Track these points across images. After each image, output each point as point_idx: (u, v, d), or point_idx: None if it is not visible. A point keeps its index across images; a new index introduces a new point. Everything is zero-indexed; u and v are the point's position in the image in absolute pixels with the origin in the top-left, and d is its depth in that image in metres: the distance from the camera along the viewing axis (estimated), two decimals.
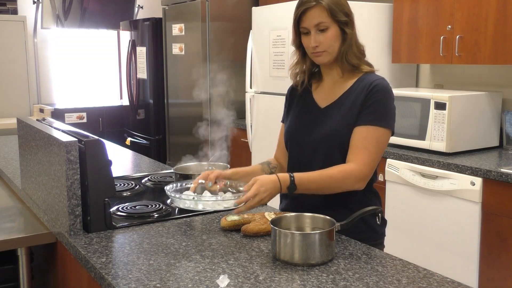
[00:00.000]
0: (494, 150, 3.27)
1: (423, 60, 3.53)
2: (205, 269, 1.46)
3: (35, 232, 2.00)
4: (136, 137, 5.83)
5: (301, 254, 1.48)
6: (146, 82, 5.56)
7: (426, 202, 3.08)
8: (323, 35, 1.72)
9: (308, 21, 1.72)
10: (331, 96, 1.81)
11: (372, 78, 1.76)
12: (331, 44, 1.73)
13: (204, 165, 2.25)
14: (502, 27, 2.98)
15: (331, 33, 1.72)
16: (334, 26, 1.72)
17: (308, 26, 1.73)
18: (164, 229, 1.81)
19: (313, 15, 1.71)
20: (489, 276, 2.80)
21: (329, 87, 1.83)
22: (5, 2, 6.12)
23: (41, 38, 6.29)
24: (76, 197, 1.76)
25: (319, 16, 1.70)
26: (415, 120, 3.26)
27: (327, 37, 1.72)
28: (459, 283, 1.38)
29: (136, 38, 5.70)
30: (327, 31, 1.72)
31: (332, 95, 1.81)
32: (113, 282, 1.39)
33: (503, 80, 3.41)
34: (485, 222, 2.79)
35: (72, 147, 1.73)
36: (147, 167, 2.90)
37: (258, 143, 4.25)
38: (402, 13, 3.59)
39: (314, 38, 1.72)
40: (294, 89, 1.94)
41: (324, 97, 1.83)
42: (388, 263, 1.51)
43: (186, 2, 4.86)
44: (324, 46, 1.73)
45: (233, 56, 4.74)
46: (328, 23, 1.71)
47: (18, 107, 6.01)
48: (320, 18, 1.70)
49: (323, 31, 1.72)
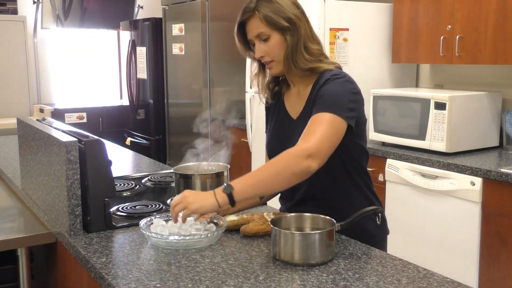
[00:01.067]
0: (494, 150, 3.27)
1: (423, 60, 3.53)
2: (205, 269, 1.46)
3: (35, 232, 2.00)
4: (136, 137, 5.83)
5: (301, 254, 1.48)
6: (146, 82, 5.56)
7: (426, 202, 3.08)
8: (266, 45, 1.66)
9: (250, 32, 1.68)
10: (298, 105, 1.74)
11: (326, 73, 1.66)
12: (276, 53, 1.66)
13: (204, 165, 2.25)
14: (502, 27, 2.98)
15: (274, 41, 1.65)
16: (275, 34, 1.65)
17: (251, 38, 1.69)
18: None
19: (252, 26, 1.67)
20: (489, 276, 2.80)
21: (295, 96, 1.76)
22: (5, 2, 6.12)
23: (41, 38, 6.29)
24: (76, 197, 1.76)
25: (257, 27, 1.65)
26: (415, 120, 3.26)
27: (269, 46, 1.66)
28: (459, 283, 1.38)
29: (136, 38, 5.70)
30: (269, 40, 1.65)
31: (299, 104, 1.74)
32: (113, 282, 1.39)
33: (503, 80, 3.41)
34: (485, 222, 2.79)
35: (72, 147, 1.73)
36: (147, 167, 2.90)
37: (258, 143, 4.25)
38: (402, 13, 3.59)
39: (258, 49, 1.67)
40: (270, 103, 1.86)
41: (293, 107, 1.77)
42: (388, 263, 1.51)
43: (186, 2, 4.86)
44: (269, 55, 1.67)
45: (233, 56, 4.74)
46: (268, 32, 1.65)
47: (18, 107, 6.01)
48: (259, 29, 1.65)
49: (266, 40, 1.66)
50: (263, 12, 1.63)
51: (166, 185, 2.40)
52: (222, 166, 2.19)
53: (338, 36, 3.60)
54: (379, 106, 3.50)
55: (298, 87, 1.75)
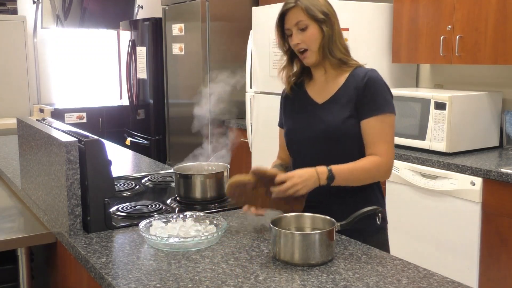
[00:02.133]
0: (494, 150, 3.27)
1: (423, 60, 3.53)
2: (205, 269, 1.46)
3: (35, 232, 2.00)
4: (136, 137, 5.83)
5: (301, 254, 1.48)
6: (146, 82, 5.55)
7: (426, 202, 3.08)
8: (303, 34, 1.81)
9: (289, 21, 1.83)
10: (326, 92, 1.87)
11: (363, 71, 1.83)
12: (311, 42, 1.81)
13: (204, 165, 2.25)
14: (502, 27, 2.98)
15: (311, 31, 1.80)
16: (313, 24, 1.80)
17: (290, 27, 1.83)
18: None
19: (292, 16, 1.81)
20: (489, 276, 2.80)
21: (322, 84, 1.89)
22: (5, 2, 6.12)
23: (41, 38, 6.29)
24: (76, 197, 1.76)
25: (297, 16, 1.80)
26: (415, 120, 3.26)
27: (307, 35, 1.81)
28: (459, 283, 1.38)
29: (136, 38, 5.69)
30: (307, 29, 1.80)
31: (327, 91, 1.87)
32: (113, 282, 1.39)
33: (503, 80, 3.41)
34: (485, 222, 2.79)
35: (72, 147, 1.73)
36: (147, 167, 2.90)
37: (258, 143, 4.25)
38: (402, 13, 3.59)
39: (295, 36, 1.82)
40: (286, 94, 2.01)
41: (319, 94, 1.89)
42: (388, 263, 1.51)
43: (186, 2, 4.86)
44: (305, 44, 1.81)
45: (233, 56, 4.74)
46: (307, 22, 1.80)
47: (18, 107, 6.01)
48: (298, 18, 1.80)
49: (303, 30, 1.80)
50: (304, 3, 1.79)
51: (166, 185, 2.40)
52: (222, 166, 2.19)
53: None
54: None
55: (327, 75, 1.88)
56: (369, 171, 1.78)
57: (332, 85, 1.86)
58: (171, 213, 1.86)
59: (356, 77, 1.82)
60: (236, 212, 2.00)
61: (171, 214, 1.81)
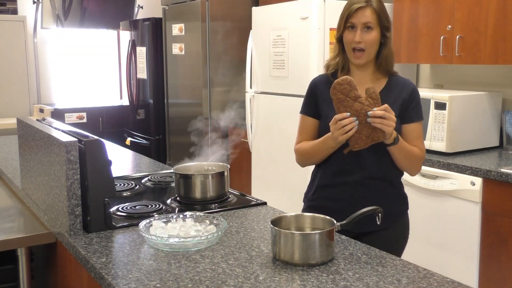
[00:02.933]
0: (494, 150, 3.27)
1: (423, 60, 3.53)
2: (205, 269, 1.46)
3: (35, 232, 2.00)
4: (136, 137, 5.83)
5: (301, 254, 1.48)
6: (146, 82, 5.55)
7: (426, 202, 3.08)
8: (368, 34, 1.89)
9: (358, 18, 1.88)
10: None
11: (404, 79, 1.99)
12: (372, 44, 1.90)
13: (204, 165, 2.25)
14: (502, 27, 2.98)
15: (374, 34, 1.89)
16: (377, 29, 1.89)
17: (357, 23, 1.89)
18: None
19: (363, 14, 1.88)
20: (489, 276, 2.80)
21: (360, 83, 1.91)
22: (5, 2, 6.12)
23: (41, 38, 6.29)
24: (76, 197, 1.76)
25: (369, 16, 1.88)
26: None
27: (370, 37, 1.89)
28: (459, 283, 1.38)
29: (136, 38, 5.70)
30: (371, 31, 1.89)
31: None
32: (113, 282, 1.39)
33: (503, 80, 3.41)
34: (485, 222, 2.79)
35: (72, 147, 1.73)
36: (147, 167, 2.90)
37: (258, 143, 4.25)
38: (402, 13, 3.59)
39: (359, 34, 1.88)
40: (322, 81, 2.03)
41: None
42: (388, 263, 1.51)
43: (186, 2, 4.86)
44: (365, 44, 1.89)
45: (233, 56, 4.74)
46: (374, 25, 1.88)
47: (18, 107, 6.01)
48: (369, 18, 1.88)
49: (368, 30, 1.88)
50: (377, 6, 1.89)
51: (166, 185, 2.40)
52: (222, 166, 2.19)
53: None
54: None
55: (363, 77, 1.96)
56: (416, 158, 1.94)
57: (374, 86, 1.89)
58: (171, 213, 1.86)
59: (398, 83, 1.97)
60: (236, 212, 2.00)
61: (171, 214, 1.81)
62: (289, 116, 3.70)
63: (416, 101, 1.96)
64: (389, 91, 1.95)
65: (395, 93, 1.95)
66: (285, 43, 3.83)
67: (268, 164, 4.12)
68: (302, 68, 3.63)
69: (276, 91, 3.96)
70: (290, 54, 3.79)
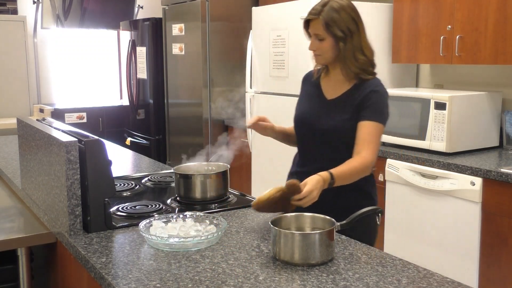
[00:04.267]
0: (494, 150, 3.27)
1: (423, 60, 3.53)
2: (205, 269, 1.46)
3: (35, 232, 2.00)
4: (136, 137, 5.83)
5: (301, 254, 1.48)
6: (146, 82, 5.55)
7: (426, 202, 3.08)
8: (320, 43, 1.99)
9: (310, 29, 2.01)
10: (335, 90, 2.06)
11: (371, 82, 2.02)
12: (324, 52, 2.00)
13: (204, 165, 2.25)
14: (502, 27, 2.98)
15: (326, 44, 1.98)
16: (329, 38, 1.96)
17: (310, 32, 2.02)
18: None
19: (313, 25, 2.00)
20: (489, 276, 2.81)
21: (334, 82, 2.08)
22: (5, 2, 6.12)
23: (41, 38, 6.29)
24: (76, 197, 1.76)
25: (317, 28, 1.98)
26: (415, 120, 3.26)
27: (322, 46, 1.99)
28: (459, 283, 1.38)
29: (136, 38, 5.70)
30: (323, 41, 1.98)
31: (336, 90, 2.06)
32: (113, 282, 1.39)
33: (503, 80, 3.41)
34: (485, 222, 2.79)
35: (72, 147, 1.73)
36: (147, 167, 2.90)
37: (258, 143, 4.25)
38: (402, 13, 3.59)
39: (312, 43, 2.02)
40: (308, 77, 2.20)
41: (329, 90, 2.09)
42: (388, 263, 1.51)
43: (186, 2, 4.86)
44: (319, 52, 2.01)
45: (233, 56, 4.74)
46: (323, 35, 1.96)
47: (18, 107, 6.01)
48: (317, 30, 1.98)
49: (320, 40, 1.98)
50: (325, 18, 1.94)
51: (166, 185, 2.40)
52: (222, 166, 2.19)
53: None
54: None
55: (337, 76, 2.06)
56: (358, 172, 1.95)
57: (341, 86, 2.05)
58: (171, 213, 1.86)
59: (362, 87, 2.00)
60: (236, 212, 2.00)
61: (171, 214, 1.81)
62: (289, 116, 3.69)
63: (372, 102, 1.97)
64: (349, 95, 2.02)
65: (356, 96, 2.00)
66: (285, 43, 3.83)
67: (268, 164, 4.12)
68: (302, 68, 3.62)
69: (276, 91, 3.96)
70: (290, 54, 3.78)
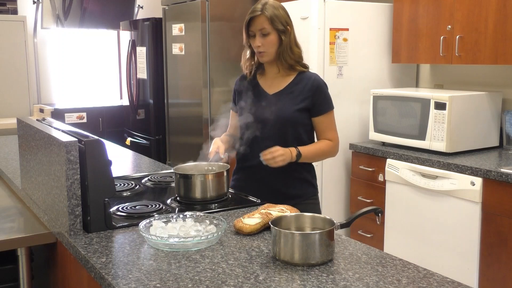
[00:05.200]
0: (494, 150, 3.27)
1: (423, 60, 3.53)
2: (205, 269, 1.46)
3: (35, 232, 2.00)
4: (136, 137, 5.82)
5: (301, 254, 1.48)
6: (146, 82, 5.55)
7: (426, 202, 3.08)
8: (265, 39, 2.17)
9: (254, 26, 2.18)
10: (276, 85, 2.27)
11: (310, 75, 2.26)
12: (270, 46, 2.18)
13: (204, 165, 2.25)
14: (502, 27, 2.98)
15: (271, 38, 2.17)
16: (273, 33, 2.16)
17: (254, 30, 2.18)
18: None
19: (258, 22, 2.16)
20: (489, 276, 2.81)
21: (272, 79, 2.29)
22: (5, 2, 6.12)
23: (41, 38, 6.29)
24: (76, 197, 1.76)
25: (263, 23, 2.16)
26: (415, 120, 3.26)
27: (267, 41, 2.17)
28: (459, 283, 1.38)
29: (136, 38, 5.69)
30: (268, 36, 2.17)
31: (277, 85, 2.27)
32: (113, 282, 1.39)
33: (503, 80, 3.41)
34: (485, 222, 2.79)
35: (72, 147, 1.73)
36: (147, 167, 2.90)
37: None
38: (402, 13, 3.59)
39: (257, 39, 2.18)
40: (242, 81, 2.39)
41: (269, 86, 2.29)
42: (388, 263, 1.51)
43: (186, 2, 4.86)
44: (264, 47, 2.18)
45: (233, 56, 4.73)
46: (269, 30, 2.16)
47: (18, 107, 6.01)
48: (263, 25, 2.16)
49: (265, 35, 2.16)
50: (270, 14, 2.15)
51: (166, 185, 2.40)
52: (222, 166, 2.19)
53: (338, 36, 3.60)
54: (379, 106, 3.51)
55: (274, 73, 2.28)
56: (326, 152, 2.28)
57: (281, 81, 2.26)
58: (171, 213, 1.86)
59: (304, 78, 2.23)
60: (236, 212, 2.00)
61: (171, 214, 1.81)
62: None
63: (323, 95, 2.23)
64: (295, 85, 2.23)
65: (299, 87, 2.22)
66: None
67: None
68: None
69: None
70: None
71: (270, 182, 2.25)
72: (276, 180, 2.25)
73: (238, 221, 1.77)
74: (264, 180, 2.26)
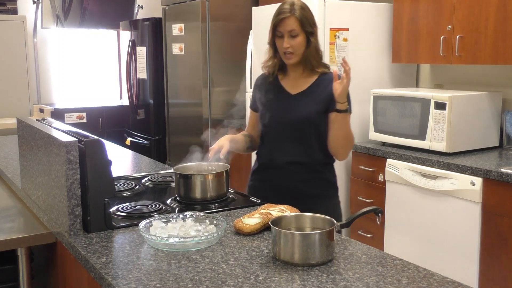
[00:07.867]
0: (494, 150, 3.27)
1: (423, 60, 3.53)
2: (205, 269, 1.46)
3: (35, 232, 2.00)
4: (136, 137, 5.83)
5: (301, 254, 1.48)
6: (146, 82, 5.55)
7: (426, 202, 3.08)
8: (294, 40, 2.14)
9: (283, 27, 2.14)
10: (298, 86, 2.24)
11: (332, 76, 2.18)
12: (298, 48, 2.15)
13: (204, 165, 2.25)
14: (502, 27, 2.98)
15: (300, 39, 2.14)
16: (302, 34, 2.14)
17: (283, 31, 2.14)
18: None
19: (287, 23, 2.13)
20: (489, 276, 2.81)
21: (294, 79, 2.26)
22: (5, 2, 6.12)
23: (41, 38, 6.29)
24: (76, 197, 1.76)
25: (292, 25, 2.12)
26: (415, 120, 3.26)
27: (296, 42, 2.14)
28: (459, 283, 1.38)
29: (136, 38, 5.70)
30: (297, 37, 2.14)
31: (300, 85, 2.24)
32: (113, 282, 1.39)
33: (503, 80, 3.41)
34: (485, 222, 2.79)
35: (72, 147, 1.73)
36: (147, 167, 2.90)
37: None
38: (402, 13, 3.59)
39: (286, 41, 2.14)
40: (263, 80, 2.34)
41: (292, 87, 2.25)
42: (388, 263, 1.51)
43: (186, 2, 4.86)
44: (293, 48, 2.15)
45: (233, 56, 4.74)
46: (298, 31, 2.13)
47: (18, 107, 6.01)
48: (293, 26, 2.12)
49: (294, 37, 2.13)
50: (299, 15, 2.13)
51: (166, 185, 2.40)
52: (222, 166, 2.19)
53: (338, 36, 3.60)
54: (379, 106, 3.51)
55: (298, 74, 2.25)
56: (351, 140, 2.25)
57: (304, 82, 2.23)
58: (171, 213, 1.86)
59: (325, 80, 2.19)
60: (236, 212, 2.00)
61: (171, 214, 1.81)
62: None
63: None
64: (316, 86, 2.21)
65: (321, 88, 2.19)
66: None
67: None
68: None
69: None
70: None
71: (291, 182, 2.23)
72: (298, 180, 2.22)
73: (238, 221, 1.77)
74: (285, 180, 2.24)
